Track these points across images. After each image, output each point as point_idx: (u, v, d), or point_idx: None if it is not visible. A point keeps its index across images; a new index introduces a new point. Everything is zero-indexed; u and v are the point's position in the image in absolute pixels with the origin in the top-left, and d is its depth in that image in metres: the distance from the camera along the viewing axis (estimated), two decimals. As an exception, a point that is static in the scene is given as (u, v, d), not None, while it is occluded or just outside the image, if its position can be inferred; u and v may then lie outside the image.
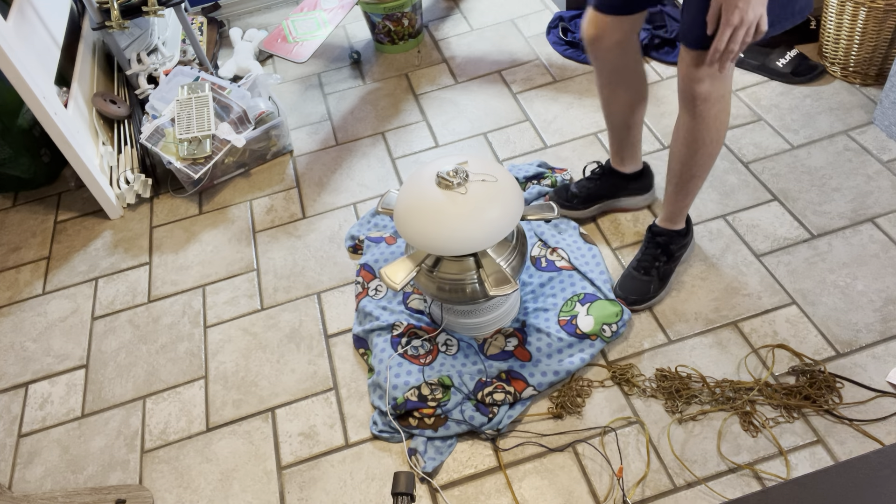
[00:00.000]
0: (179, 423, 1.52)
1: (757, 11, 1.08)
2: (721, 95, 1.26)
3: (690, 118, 1.30)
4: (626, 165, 1.68)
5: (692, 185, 1.44)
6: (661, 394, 1.40)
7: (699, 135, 1.31)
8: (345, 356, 1.58)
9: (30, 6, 1.87)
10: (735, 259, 1.62)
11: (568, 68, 2.25)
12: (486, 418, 1.38)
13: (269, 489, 1.38)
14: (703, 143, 1.33)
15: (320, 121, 2.24)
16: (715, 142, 1.34)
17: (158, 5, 2.04)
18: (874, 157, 1.78)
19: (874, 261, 1.56)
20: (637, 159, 1.68)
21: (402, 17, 2.35)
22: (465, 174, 1.26)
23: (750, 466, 1.28)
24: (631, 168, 1.69)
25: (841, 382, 1.36)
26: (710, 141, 1.33)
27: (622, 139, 1.63)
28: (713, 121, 1.29)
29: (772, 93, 2.02)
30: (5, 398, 1.63)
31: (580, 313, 1.51)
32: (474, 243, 1.25)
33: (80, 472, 1.46)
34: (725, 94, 1.27)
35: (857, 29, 1.87)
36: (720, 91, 1.25)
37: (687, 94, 1.27)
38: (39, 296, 1.85)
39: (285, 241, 1.87)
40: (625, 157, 1.66)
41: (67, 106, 1.92)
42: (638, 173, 1.70)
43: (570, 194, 1.73)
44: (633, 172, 1.69)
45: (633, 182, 1.71)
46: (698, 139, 1.32)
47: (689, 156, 1.37)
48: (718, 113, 1.29)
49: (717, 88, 1.25)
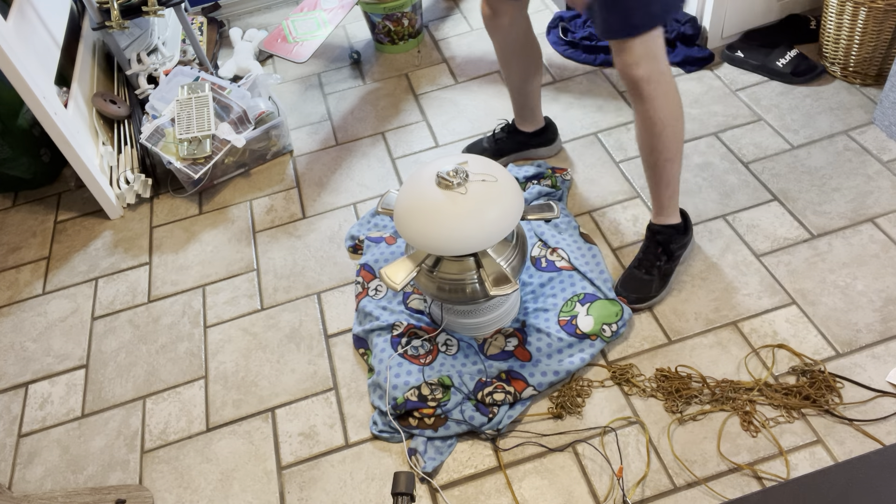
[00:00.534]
0: (179, 423, 1.52)
1: None
2: (661, 72, 1.34)
3: (641, 103, 1.37)
4: (526, 125, 1.90)
5: (668, 172, 1.47)
6: (661, 394, 1.40)
7: (654, 115, 1.38)
8: (345, 356, 1.58)
9: (30, 6, 1.87)
10: (735, 259, 1.62)
11: (568, 68, 2.25)
12: (486, 418, 1.38)
13: (269, 489, 1.38)
14: (662, 124, 1.39)
15: (320, 121, 2.24)
16: (673, 119, 1.39)
17: (158, 5, 2.04)
18: (874, 157, 1.78)
19: (874, 261, 1.56)
20: (537, 119, 1.89)
21: (402, 17, 2.35)
22: (465, 174, 1.26)
23: (750, 466, 1.28)
24: (532, 128, 1.90)
25: (841, 382, 1.36)
26: (668, 119, 1.38)
27: (521, 104, 1.84)
28: (663, 99, 1.36)
29: (772, 93, 2.02)
30: (5, 398, 1.63)
31: (580, 313, 1.51)
32: (474, 243, 1.25)
33: (80, 473, 1.46)
34: (665, 71, 1.35)
35: (857, 29, 1.87)
36: (658, 68, 1.33)
37: (630, 82, 1.35)
38: (39, 296, 1.85)
39: (285, 241, 1.87)
40: (525, 118, 1.88)
41: (67, 106, 1.92)
42: (540, 130, 1.91)
43: (482, 149, 1.94)
44: (534, 131, 1.90)
45: (535, 138, 1.92)
46: (655, 120, 1.38)
47: (654, 140, 1.42)
48: (666, 90, 1.35)
49: (654, 67, 1.32)
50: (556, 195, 1.80)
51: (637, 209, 1.77)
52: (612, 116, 2.04)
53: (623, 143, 1.96)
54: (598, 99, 2.11)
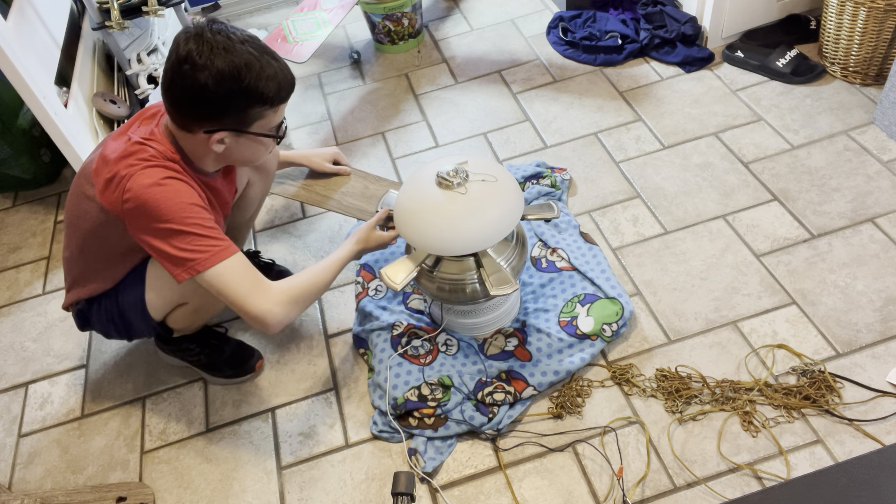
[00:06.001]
0: (179, 423, 1.52)
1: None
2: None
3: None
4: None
5: None
6: (661, 394, 1.40)
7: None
8: (345, 356, 1.58)
9: (30, 6, 1.87)
10: (735, 259, 1.62)
11: (568, 68, 2.25)
12: (486, 418, 1.38)
13: (269, 489, 1.38)
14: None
15: (320, 121, 2.24)
16: None
17: (158, 5, 2.04)
18: (874, 157, 1.78)
19: (874, 261, 1.56)
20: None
21: (402, 17, 2.35)
22: (465, 174, 1.26)
23: (750, 466, 1.28)
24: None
25: (841, 382, 1.36)
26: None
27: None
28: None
29: (772, 93, 2.02)
30: (5, 398, 1.63)
31: (580, 314, 1.51)
32: (474, 243, 1.25)
33: (80, 473, 1.46)
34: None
35: (857, 29, 1.87)
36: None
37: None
38: (39, 296, 1.85)
39: (285, 241, 1.87)
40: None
41: (67, 106, 1.92)
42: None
43: None
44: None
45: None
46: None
47: None
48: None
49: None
50: (555, 195, 1.80)
51: (637, 209, 1.77)
52: (612, 116, 2.04)
53: (623, 143, 1.96)
54: (598, 99, 2.11)
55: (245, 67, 1.10)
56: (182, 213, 1.14)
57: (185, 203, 1.15)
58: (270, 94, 1.15)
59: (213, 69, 1.08)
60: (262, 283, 1.21)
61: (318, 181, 1.70)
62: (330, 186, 1.69)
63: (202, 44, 1.08)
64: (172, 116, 1.17)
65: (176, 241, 1.14)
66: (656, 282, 1.60)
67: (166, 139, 1.20)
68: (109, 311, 1.37)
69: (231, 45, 1.09)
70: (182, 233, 1.14)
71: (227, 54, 1.09)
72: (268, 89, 1.14)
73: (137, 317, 1.36)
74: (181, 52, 1.09)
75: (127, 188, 1.14)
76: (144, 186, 1.13)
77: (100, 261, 1.33)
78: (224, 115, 1.14)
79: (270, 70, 1.13)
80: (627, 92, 2.12)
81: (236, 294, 1.17)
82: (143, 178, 1.14)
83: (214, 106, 1.12)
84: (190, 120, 1.16)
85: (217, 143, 1.17)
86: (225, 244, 1.18)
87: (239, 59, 1.09)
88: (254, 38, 1.13)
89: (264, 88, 1.13)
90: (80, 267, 1.35)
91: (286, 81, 1.17)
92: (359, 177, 1.71)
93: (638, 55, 2.23)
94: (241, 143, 1.21)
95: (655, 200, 1.78)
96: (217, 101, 1.12)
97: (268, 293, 1.20)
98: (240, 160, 1.27)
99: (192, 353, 1.54)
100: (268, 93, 1.14)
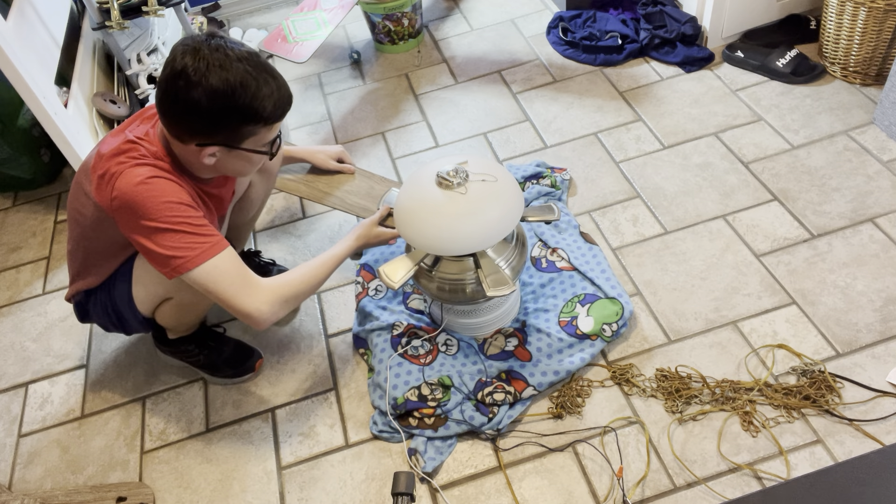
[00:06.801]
0: (179, 423, 1.52)
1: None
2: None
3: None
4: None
5: None
6: (661, 394, 1.40)
7: None
8: (345, 356, 1.58)
9: (30, 6, 1.87)
10: (735, 259, 1.62)
11: (568, 68, 2.25)
12: (486, 418, 1.38)
13: (269, 489, 1.38)
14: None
15: (320, 121, 2.24)
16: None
17: (158, 5, 2.04)
18: (874, 157, 1.78)
19: (874, 261, 1.56)
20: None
21: (402, 17, 2.35)
22: (465, 174, 1.26)
23: (750, 466, 1.28)
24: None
25: (841, 382, 1.36)
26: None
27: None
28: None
29: (772, 93, 2.02)
30: (5, 398, 1.63)
31: (580, 314, 1.51)
32: (474, 243, 1.25)
33: (80, 473, 1.46)
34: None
35: (857, 29, 1.87)
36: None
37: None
38: (39, 296, 1.85)
39: (285, 241, 1.87)
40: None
41: (67, 106, 1.92)
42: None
43: None
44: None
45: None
46: None
47: None
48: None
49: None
50: (555, 195, 1.80)
51: (637, 209, 1.77)
52: (612, 116, 2.04)
53: (623, 143, 1.96)
54: (598, 99, 2.11)
55: (240, 86, 1.09)
56: (168, 212, 1.14)
57: (170, 202, 1.14)
58: (265, 114, 1.14)
59: (207, 86, 1.08)
60: (251, 281, 1.21)
61: (320, 178, 1.70)
62: (333, 184, 1.69)
63: (198, 60, 1.07)
64: (166, 126, 1.17)
65: (162, 238, 1.14)
66: (656, 282, 1.60)
67: (159, 141, 1.20)
68: (104, 304, 1.38)
69: (227, 62, 1.08)
70: (168, 231, 1.14)
71: (223, 72, 1.08)
72: (262, 108, 1.13)
73: (127, 310, 1.37)
74: (177, 66, 1.08)
75: (115, 186, 1.14)
76: (131, 185, 1.13)
77: (98, 255, 1.33)
78: (216, 131, 1.14)
79: (267, 89, 1.13)
80: (627, 92, 2.12)
81: (224, 292, 1.18)
82: (130, 176, 1.14)
83: (206, 122, 1.12)
84: (182, 132, 1.16)
85: (209, 156, 1.17)
86: (213, 241, 1.17)
87: (234, 78, 1.08)
88: (252, 54, 1.13)
89: (259, 107, 1.13)
90: (81, 260, 1.36)
91: (282, 100, 1.16)
92: (364, 176, 1.71)
93: (638, 55, 2.23)
94: (233, 158, 1.21)
95: (655, 200, 1.78)
96: (209, 118, 1.11)
97: (256, 291, 1.20)
98: (231, 173, 1.27)
99: (190, 353, 1.54)
100: (262, 112, 1.14)
